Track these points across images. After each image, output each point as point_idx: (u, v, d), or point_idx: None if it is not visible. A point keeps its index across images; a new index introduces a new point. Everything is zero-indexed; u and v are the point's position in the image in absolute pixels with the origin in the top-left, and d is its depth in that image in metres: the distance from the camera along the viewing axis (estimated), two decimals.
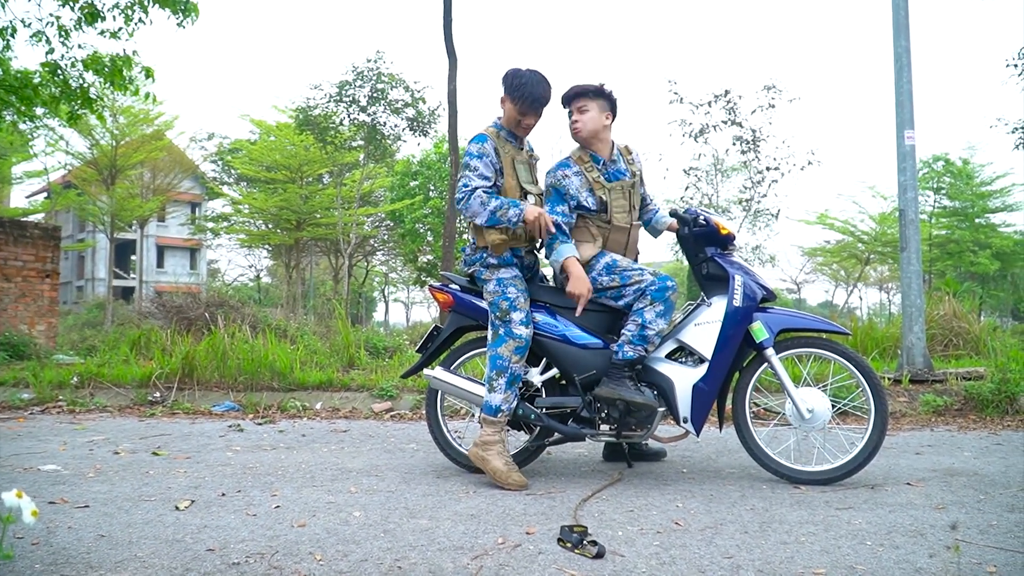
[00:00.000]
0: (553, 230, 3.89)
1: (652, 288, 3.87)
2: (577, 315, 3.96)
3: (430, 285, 4.40)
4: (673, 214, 4.16)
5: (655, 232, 4.48)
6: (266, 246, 37.02)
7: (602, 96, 4.09)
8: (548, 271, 4.45)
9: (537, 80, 4.02)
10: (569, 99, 4.12)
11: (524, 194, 4.07)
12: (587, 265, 4.03)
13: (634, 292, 3.91)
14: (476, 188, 3.91)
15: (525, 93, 3.97)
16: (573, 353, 3.96)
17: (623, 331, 3.89)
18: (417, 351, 4.42)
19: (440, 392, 4.28)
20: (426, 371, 4.15)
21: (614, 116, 4.14)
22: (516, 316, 3.92)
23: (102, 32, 9.50)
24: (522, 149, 4.19)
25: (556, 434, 4.04)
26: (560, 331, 3.99)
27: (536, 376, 4.08)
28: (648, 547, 2.78)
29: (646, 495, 3.62)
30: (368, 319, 44.44)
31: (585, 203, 4.02)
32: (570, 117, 4.12)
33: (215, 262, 51.30)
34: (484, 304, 4.11)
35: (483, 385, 4.03)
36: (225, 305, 11.59)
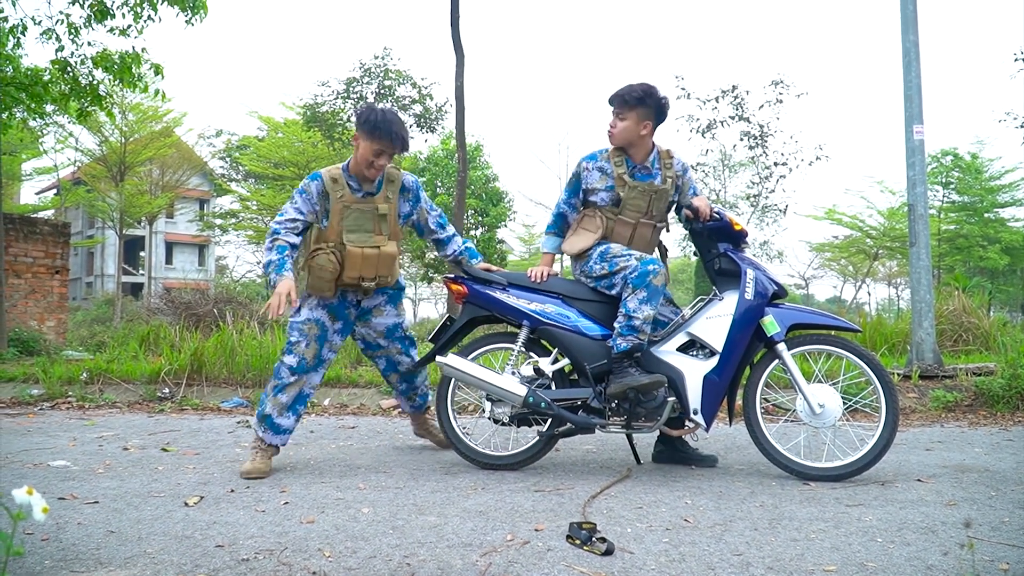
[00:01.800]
0: (277, 313, 3.80)
1: (632, 275, 3.89)
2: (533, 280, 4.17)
3: (445, 276, 4.41)
4: (687, 206, 4.14)
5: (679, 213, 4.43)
6: None
7: (643, 105, 4.04)
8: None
9: (391, 117, 4.04)
10: (611, 102, 4.13)
11: (342, 243, 4.08)
12: (585, 254, 4.13)
13: (622, 280, 3.95)
14: (276, 227, 4.11)
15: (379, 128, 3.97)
16: (585, 343, 3.98)
17: (615, 324, 3.93)
18: (429, 340, 4.42)
19: (451, 387, 4.28)
20: (439, 358, 4.14)
21: (657, 122, 4.13)
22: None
23: (111, 29, 9.53)
24: (369, 194, 4.18)
25: (566, 425, 4.03)
26: (572, 322, 4.02)
27: (547, 366, 4.08)
28: (657, 544, 2.78)
29: (655, 492, 3.62)
30: None
31: (599, 199, 4.13)
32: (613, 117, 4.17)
33: (223, 258, 51.41)
34: (499, 296, 4.13)
35: (498, 374, 4.04)
36: (233, 301, 11.64)
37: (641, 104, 4.04)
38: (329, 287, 4.09)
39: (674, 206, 4.37)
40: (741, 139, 19.42)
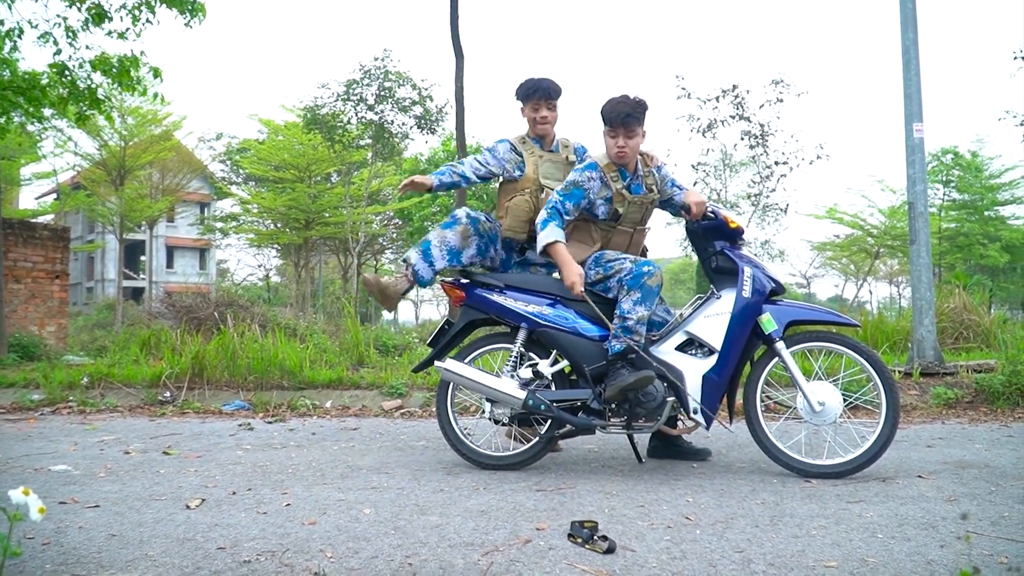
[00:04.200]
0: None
1: (627, 277, 3.90)
2: (575, 294, 3.93)
3: (442, 280, 4.40)
4: (684, 207, 4.14)
5: (674, 209, 4.39)
6: (275, 245, 37.11)
7: (644, 115, 4.06)
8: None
9: (541, 77, 4.45)
10: (621, 122, 3.99)
11: (541, 188, 4.38)
12: (581, 263, 4.11)
13: (616, 282, 3.96)
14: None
15: (529, 85, 4.46)
16: (583, 345, 3.98)
17: (611, 325, 3.91)
18: (428, 344, 4.42)
19: (451, 388, 4.28)
20: (438, 363, 4.14)
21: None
22: None
23: (109, 33, 9.53)
24: (550, 151, 4.52)
25: (566, 426, 4.03)
26: (571, 324, 4.02)
27: (546, 368, 4.08)
28: (659, 542, 2.78)
29: (656, 490, 3.62)
30: (377, 318, 44.40)
31: (599, 212, 4.11)
32: (613, 138, 4.04)
33: (224, 262, 51.42)
34: (497, 298, 4.13)
35: (497, 378, 4.04)
36: (234, 305, 11.61)
37: (644, 118, 4.07)
38: (524, 228, 4.38)
39: (669, 205, 4.37)
40: (742, 138, 19.42)
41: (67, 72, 9.49)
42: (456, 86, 12.29)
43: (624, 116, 3.97)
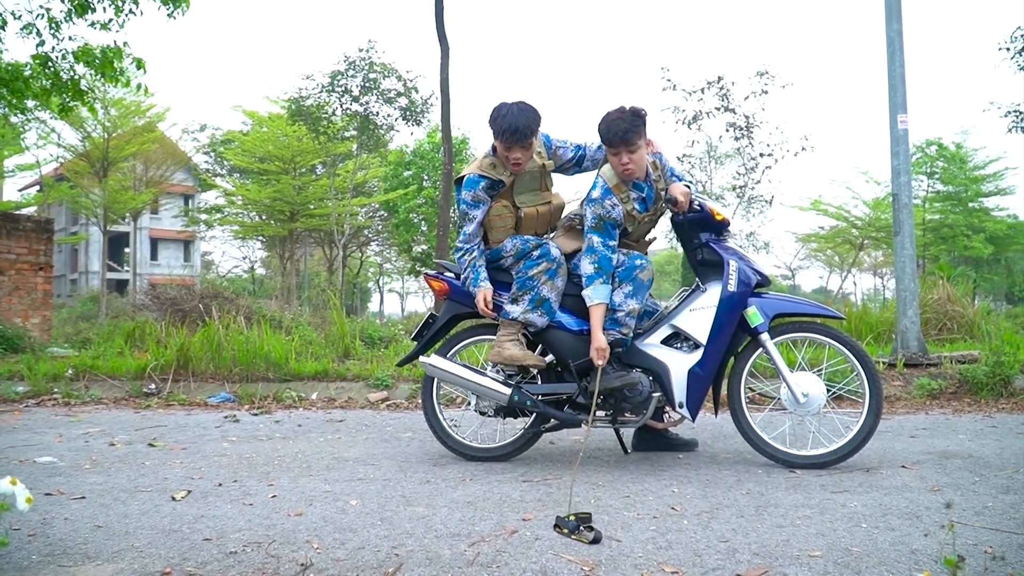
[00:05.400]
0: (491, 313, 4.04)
1: (620, 269, 3.88)
2: (595, 365, 3.83)
3: (425, 274, 4.40)
4: (670, 199, 4.09)
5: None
6: (260, 237, 36.94)
7: (644, 124, 3.83)
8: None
9: (517, 111, 3.89)
10: (621, 140, 3.77)
11: (518, 209, 4.06)
12: (574, 252, 4.06)
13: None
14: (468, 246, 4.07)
15: (503, 125, 3.85)
16: (568, 339, 3.97)
17: None
18: (412, 339, 4.41)
19: (436, 380, 4.27)
20: (422, 359, 4.14)
21: None
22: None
23: (92, 24, 9.44)
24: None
25: (552, 420, 4.04)
26: (556, 318, 4.00)
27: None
28: (644, 532, 2.79)
29: (642, 481, 3.63)
30: (363, 309, 44.43)
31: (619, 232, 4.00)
32: (615, 156, 3.83)
33: (209, 254, 51.23)
34: None
35: (481, 374, 4.04)
36: (219, 297, 11.56)
37: (644, 127, 3.83)
38: (510, 235, 4.08)
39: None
40: (727, 130, 19.48)
41: (50, 63, 9.42)
42: (441, 77, 12.27)
43: (622, 134, 3.75)
